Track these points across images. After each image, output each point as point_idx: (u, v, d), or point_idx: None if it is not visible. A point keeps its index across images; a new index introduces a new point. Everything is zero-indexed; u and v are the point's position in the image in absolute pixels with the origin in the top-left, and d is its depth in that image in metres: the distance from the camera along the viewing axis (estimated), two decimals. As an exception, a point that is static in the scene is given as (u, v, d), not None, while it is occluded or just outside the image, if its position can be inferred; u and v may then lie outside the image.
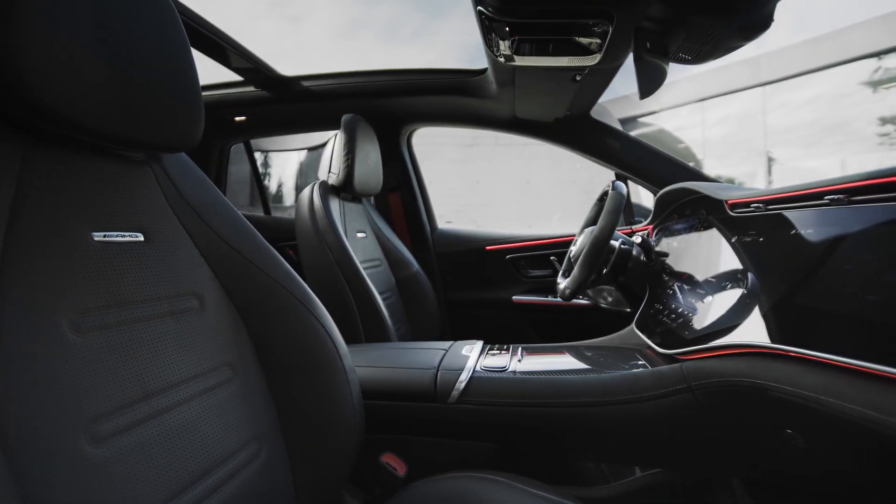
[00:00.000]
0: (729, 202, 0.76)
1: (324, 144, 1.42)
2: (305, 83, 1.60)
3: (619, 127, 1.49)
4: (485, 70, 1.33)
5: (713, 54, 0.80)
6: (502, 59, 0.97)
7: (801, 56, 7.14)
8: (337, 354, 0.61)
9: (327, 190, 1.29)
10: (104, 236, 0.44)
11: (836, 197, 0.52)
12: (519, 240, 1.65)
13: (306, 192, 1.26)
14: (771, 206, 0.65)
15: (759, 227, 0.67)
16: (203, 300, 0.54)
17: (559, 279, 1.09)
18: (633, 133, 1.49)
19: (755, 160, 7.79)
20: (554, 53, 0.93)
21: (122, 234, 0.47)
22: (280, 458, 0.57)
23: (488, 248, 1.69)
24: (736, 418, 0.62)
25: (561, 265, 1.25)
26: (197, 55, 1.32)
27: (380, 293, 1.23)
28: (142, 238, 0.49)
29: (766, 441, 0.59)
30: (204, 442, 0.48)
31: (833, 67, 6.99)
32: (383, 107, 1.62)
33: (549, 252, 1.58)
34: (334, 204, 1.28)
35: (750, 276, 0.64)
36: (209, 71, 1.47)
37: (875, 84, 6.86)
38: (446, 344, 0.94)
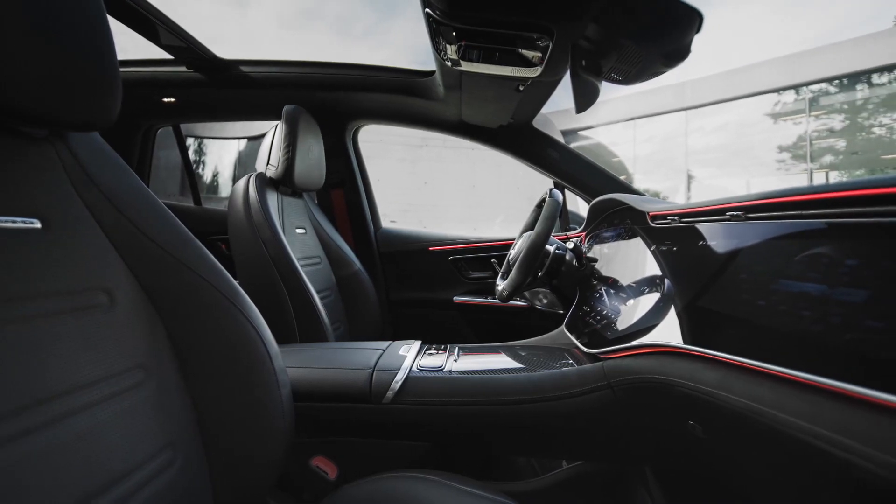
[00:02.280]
0: (650, 214, 0.82)
1: (265, 134, 1.35)
2: (245, 69, 1.51)
3: (561, 137, 1.56)
4: (433, 72, 1.34)
5: (640, 77, 0.87)
6: (449, 63, 0.99)
7: (718, 86, 8.00)
8: (267, 355, 0.59)
9: (265, 182, 1.22)
10: None
11: (735, 213, 0.59)
12: (461, 241, 1.68)
13: (241, 183, 1.19)
14: (684, 219, 0.72)
15: (673, 237, 0.73)
16: (113, 296, 0.49)
17: (498, 281, 1.12)
18: (573, 145, 1.58)
19: (677, 176, 8.59)
20: (499, 62, 0.96)
21: (14, 219, 0.41)
22: (198, 465, 0.54)
23: (431, 248, 1.70)
24: (648, 412, 0.68)
25: (501, 268, 1.29)
26: (119, 28, 1.21)
27: (318, 292, 1.19)
28: (38, 225, 0.43)
29: (673, 432, 0.65)
30: (111, 449, 0.44)
31: (743, 98, 7.89)
32: (328, 100, 1.58)
33: (491, 254, 1.62)
34: (272, 197, 1.22)
35: (667, 281, 0.70)
36: (140, 48, 1.35)
37: (775, 116, 7.86)
38: (384, 344, 0.93)
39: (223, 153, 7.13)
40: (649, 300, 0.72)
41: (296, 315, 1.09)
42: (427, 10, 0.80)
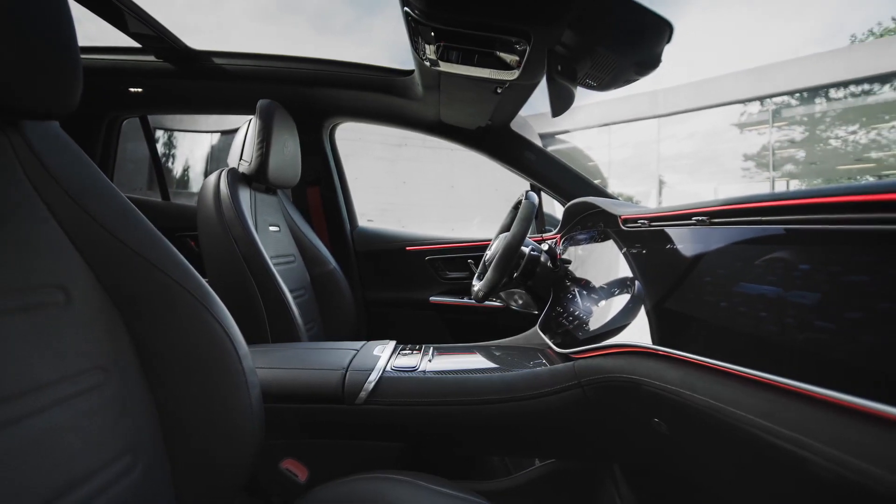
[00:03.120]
0: (622, 217, 0.85)
1: (239, 129, 1.31)
2: (218, 60, 1.47)
3: (539, 140, 1.59)
4: (412, 72, 1.33)
5: (614, 84, 0.89)
6: (428, 63, 0.99)
7: (689, 95, 8.30)
8: (236, 356, 0.57)
9: (237, 178, 1.19)
10: None
11: (700, 218, 0.61)
12: (438, 242, 1.68)
13: (212, 178, 1.16)
14: (653, 223, 0.74)
15: (643, 240, 0.76)
16: (69, 293, 0.47)
17: (474, 282, 1.13)
18: (551, 148, 1.60)
19: (650, 182, 8.86)
20: (478, 64, 0.96)
21: None
22: (160, 471, 0.52)
23: (409, 248, 1.69)
24: (616, 410, 0.69)
25: (477, 268, 1.30)
26: (85, 14, 1.15)
27: (291, 291, 1.17)
28: None
29: (639, 430, 0.67)
30: (66, 455, 0.42)
31: (712, 108, 8.21)
32: (305, 96, 1.55)
33: (467, 255, 1.63)
34: (244, 194, 1.19)
35: (637, 283, 0.72)
36: (107, 35, 1.29)
37: (741, 126, 8.22)
38: (358, 344, 0.92)
39: (195, 147, 6.90)
40: (620, 301, 0.74)
41: (268, 314, 1.07)
42: (406, 9, 0.80)
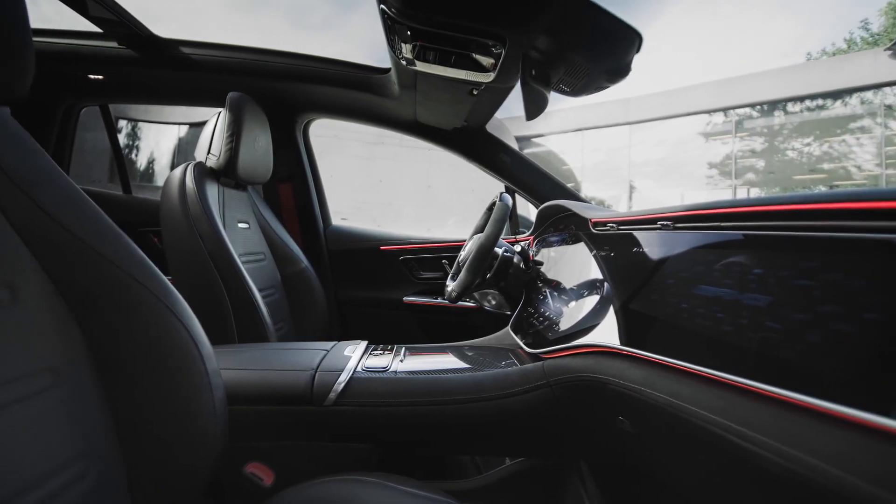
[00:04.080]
0: (592, 221, 0.87)
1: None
2: (186, 50, 1.41)
3: (515, 143, 1.60)
4: (389, 70, 1.32)
5: (586, 90, 0.91)
6: (404, 62, 0.98)
7: (659, 104, 8.60)
8: (198, 356, 0.55)
9: (204, 173, 1.15)
10: None
11: (665, 223, 0.63)
12: (413, 241, 1.68)
13: (177, 172, 1.11)
14: (622, 227, 0.76)
15: (612, 243, 0.78)
16: (16, 291, 0.44)
17: (448, 282, 1.13)
18: (527, 151, 1.62)
19: (620, 186, 9.12)
20: (454, 65, 0.97)
21: None
22: (115, 477, 0.49)
23: (383, 247, 1.68)
24: (583, 409, 0.71)
25: (451, 268, 1.31)
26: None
27: (261, 290, 1.14)
28: None
29: (605, 427, 0.69)
30: (11, 461, 0.39)
31: (680, 117, 8.54)
32: (278, 90, 1.51)
33: (442, 255, 1.63)
34: (212, 189, 1.15)
35: (606, 285, 0.74)
36: (66, 18, 1.22)
37: (706, 135, 8.59)
38: (329, 344, 0.91)
39: (161, 139, 6.62)
40: (589, 302, 0.76)
41: (234, 314, 1.04)
42: (382, 6, 0.80)
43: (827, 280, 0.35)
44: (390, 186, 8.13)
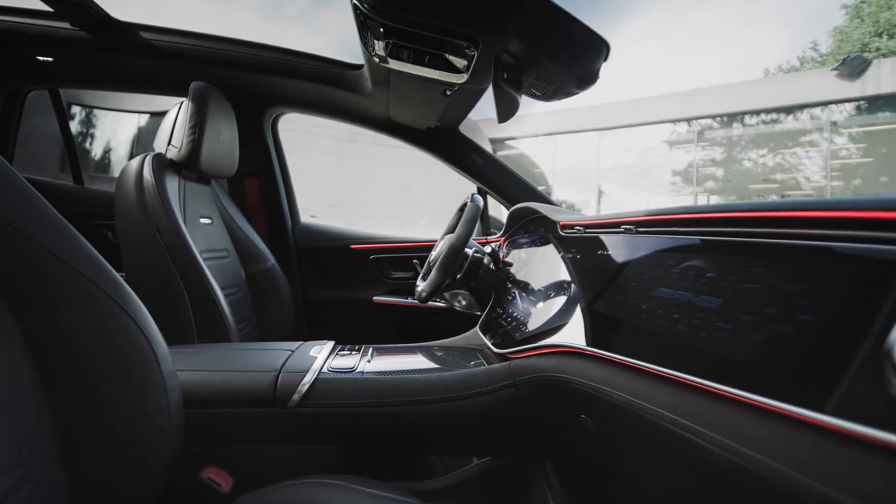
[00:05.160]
0: (560, 223, 0.88)
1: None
2: (146, 35, 1.34)
3: (489, 145, 1.62)
4: (362, 66, 1.31)
5: (556, 95, 0.93)
6: (377, 60, 0.97)
7: (627, 112, 8.91)
8: (153, 357, 0.52)
9: (164, 164, 1.10)
10: None
11: (628, 227, 0.65)
12: (384, 241, 1.66)
13: (134, 163, 1.06)
14: (588, 230, 0.78)
15: (578, 246, 0.80)
16: None
17: (418, 282, 1.13)
18: (500, 153, 1.64)
19: (590, 191, 9.39)
20: (428, 65, 0.97)
21: None
22: (56, 487, 0.46)
23: (353, 246, 1.66)
24: (548, 408, 0.72)
25: (422, 268, 1.30)
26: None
27: (223, 288, 1.10)
28: None
29: (569, 426, 0.70)
30: None
31: (646, 125, 8.88)
32: (246, 82, 1.46)
33: (413, 255, 1.62)
34: (172, 182, 1.10)
35: (573, 286, 0.76)
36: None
37: (671, 143, 8.97)
38: (294, 345, 0.88)
39: (119, 127, 6.27)
40: (556, 303, 0.78)
41: (194, 313, 0.99)
42: (354, 1, 0.78)
43: (770, 284, 0.38)
44: (364, 185, 8.04)
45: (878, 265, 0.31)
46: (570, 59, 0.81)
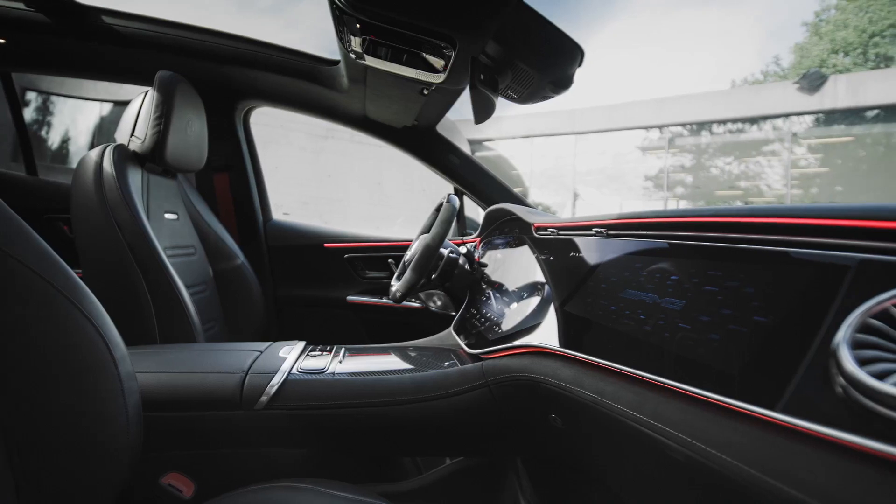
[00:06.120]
0: (535, 225, 0.89)
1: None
2: (109, 19, 1.28)
3: (467, 145, 1.62)
4: (338, 62, 1.28)
5: (532, 98, 0.94)
6: (353, 56, 0.96)
7: (602, 117, 9.13)
8: (110, 359, 0.49)
9: (126, 156, 1.05)
10: None
11: (599, 230, 0.66)
12: (358, 240, 1.64)
13: (93, 154, 1.00)
14: (561, 232, 0.80)
15: (551, 248, 0.81)
16: None
17: (392, 282, 1.12)
18: (477, 154, 1.65)
19: (565, 193, 9.57)
20: (405, 63, 0.96)
21: None
22: (2, 496, 0.43)
23: (326, 245, 1.63)
24: (519, 408, 0.73)
25: (397, 268, 1.29)
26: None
27: (189, 286, 1.06)
28: None
29: (539, 425, 0.71)
30: None
31: (620, 131, 9.13)
32: (216, 73, 1.41)
33: (388, 254, 1.61)
34: (134, 175, 1.05)
35: (546, 287, 0.76)
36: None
37: (643, 149, 9.25)
38: (263, 345, 0.86)
39: (79, 116, 5.96)
40: (529, 304, 0.78)
41: (156, 312, 0.95)
42: None
43: (727, 286, 0.39)
44: (339, 182, 7.92)
45: (827, 269, 0.32)
46: (546, 63, 0.82)
